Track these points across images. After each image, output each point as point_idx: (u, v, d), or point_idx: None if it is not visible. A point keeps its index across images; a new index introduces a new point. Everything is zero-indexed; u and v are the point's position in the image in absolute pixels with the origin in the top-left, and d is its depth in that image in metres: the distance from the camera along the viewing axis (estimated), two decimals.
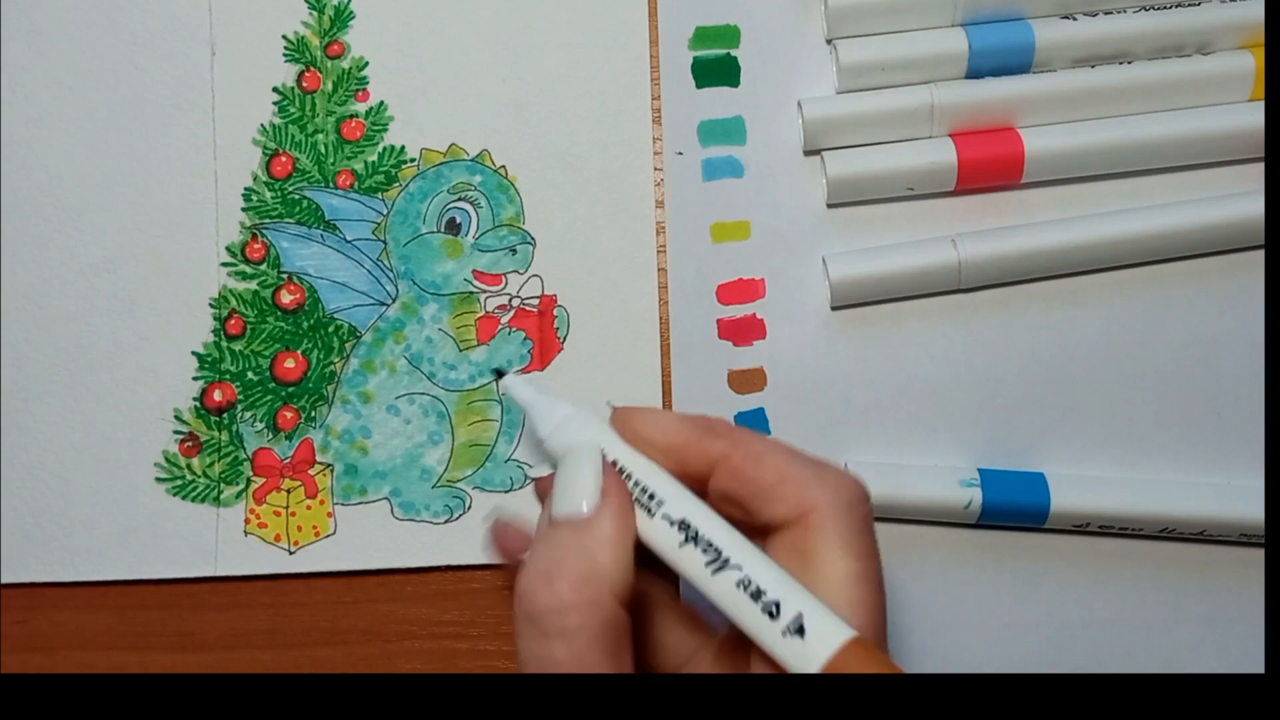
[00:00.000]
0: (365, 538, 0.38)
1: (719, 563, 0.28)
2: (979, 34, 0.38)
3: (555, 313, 0.39)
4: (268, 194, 0.40)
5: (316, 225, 0.40)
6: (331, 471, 0.39)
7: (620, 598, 0.28)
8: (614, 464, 0.30)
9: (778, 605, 0.27)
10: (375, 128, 0.40)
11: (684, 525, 0.29)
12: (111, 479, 0.39)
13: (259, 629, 0.38)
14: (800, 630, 0.27)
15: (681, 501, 0.29)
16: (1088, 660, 0.37)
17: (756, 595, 0.28)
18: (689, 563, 0.29)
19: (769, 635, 0.27)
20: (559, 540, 0.29)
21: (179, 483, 0.39)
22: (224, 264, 0.40)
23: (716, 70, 0.40)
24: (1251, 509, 0.37)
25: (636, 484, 0.30)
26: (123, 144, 0.40)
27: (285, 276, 0.40)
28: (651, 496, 0.29)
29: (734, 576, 0.28)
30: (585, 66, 0.40)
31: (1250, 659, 0.37)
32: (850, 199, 0.39)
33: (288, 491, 0.39)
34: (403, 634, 0.38)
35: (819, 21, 0.40)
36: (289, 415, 0.39)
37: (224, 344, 0.39)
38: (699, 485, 0.30)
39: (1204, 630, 0.37)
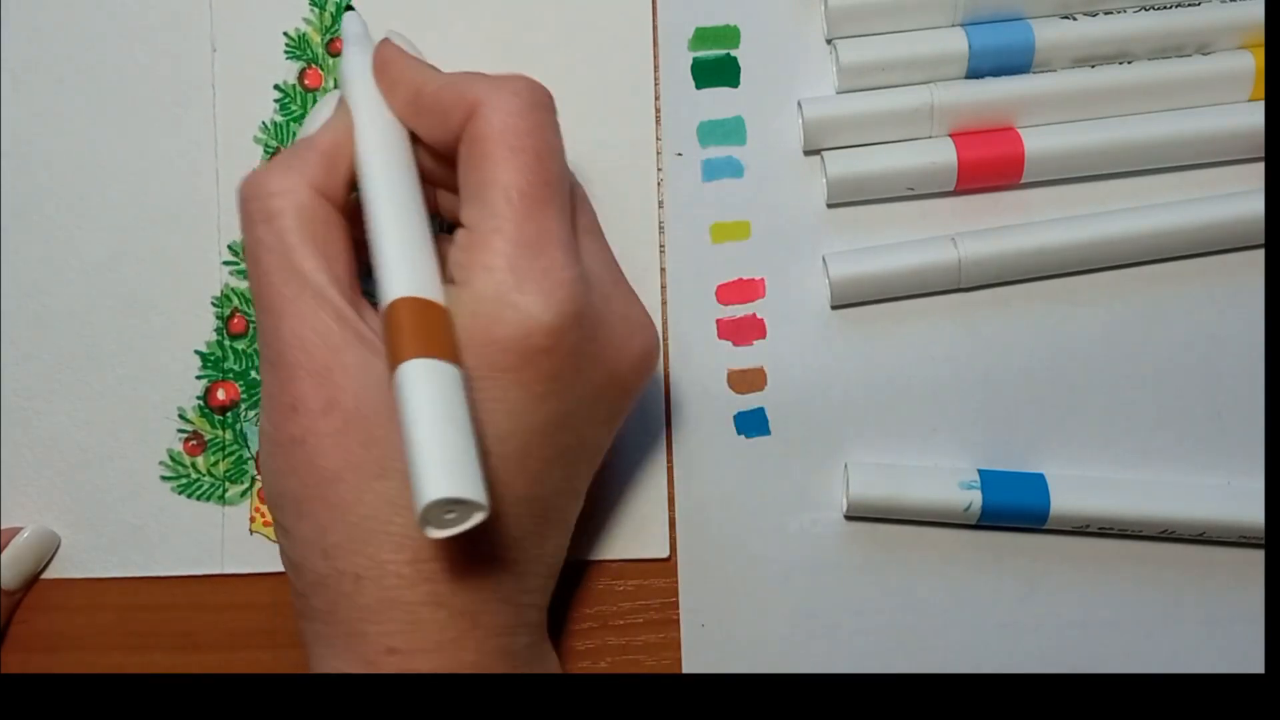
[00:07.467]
0: None
1: (373, 226, 0.30)
2: (979, 34, 0.38)
3: None
4: None
5: None
6: None
7: (322, 190, 0.31)
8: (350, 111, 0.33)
9: (377, 267, 0.30)
10: None
11: (361, 191, 0.31)
12: (117, 477, 0.39)
13: (259, 629, 0.38)
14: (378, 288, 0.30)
15: (361, 170, 0.31)
16: (1088, 660, 0.37)
17: (377, 255, 0.30)
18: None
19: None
20: (285, 149, 0.33)
21: (184, 481, 0.39)
22: (226, 262, 0.40)
23: (716, 71, 0.40)
24: (1251, 511, 0.37)
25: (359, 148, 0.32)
26: (124, 141, 0.40)
27: None
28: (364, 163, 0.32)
29: (371, 238, 0.30)
30: (588, 65, 0.40)
31: (1250, 659, 0.37)
32: (850, 199, 0.39)
33: None
34: None
35: (819, 21, 0.40)
36: None
37: (227, 343, 0.39)
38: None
39: (1204, 630, 0.37)
